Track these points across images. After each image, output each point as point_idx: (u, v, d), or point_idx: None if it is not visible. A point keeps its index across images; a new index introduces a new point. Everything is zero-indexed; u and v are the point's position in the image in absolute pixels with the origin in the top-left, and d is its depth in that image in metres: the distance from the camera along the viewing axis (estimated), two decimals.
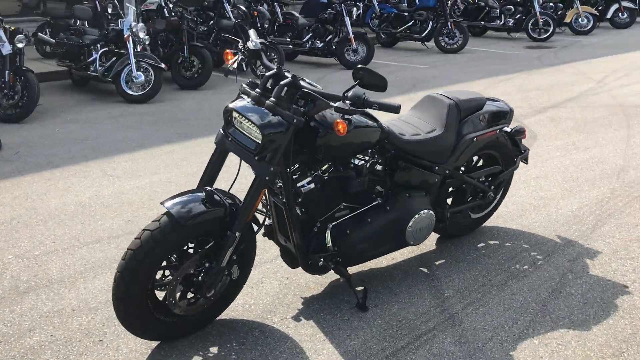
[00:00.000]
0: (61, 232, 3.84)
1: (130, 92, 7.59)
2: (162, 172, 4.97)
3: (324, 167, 2.80)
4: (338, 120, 2.40)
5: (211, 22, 9.48)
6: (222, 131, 2.68)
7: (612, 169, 4.73)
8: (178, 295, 2.58)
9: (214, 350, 2.63)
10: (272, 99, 2.48)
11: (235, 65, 2.80)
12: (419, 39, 12.15)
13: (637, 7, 15.27)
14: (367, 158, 2.92)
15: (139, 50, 7.57)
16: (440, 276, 3.20)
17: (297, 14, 10.97)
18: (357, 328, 2.77)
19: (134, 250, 2.41)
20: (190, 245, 2.61)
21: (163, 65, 7.59)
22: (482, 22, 13.99)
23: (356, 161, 2.89)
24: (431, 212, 3.05)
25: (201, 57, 8.35)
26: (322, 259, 2.80)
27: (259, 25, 9.39)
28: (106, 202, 4.33)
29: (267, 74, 2.60)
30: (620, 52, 11.02)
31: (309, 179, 2.77)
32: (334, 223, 2.84)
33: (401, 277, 3.20)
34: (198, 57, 8.37)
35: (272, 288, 3.12)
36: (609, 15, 14.88)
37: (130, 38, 7.53)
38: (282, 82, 2.51)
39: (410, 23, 12.26)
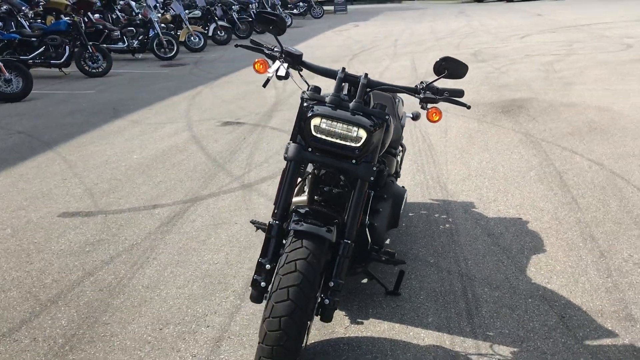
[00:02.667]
0: None
1: None
2: None
3: None
4: (431, 109, 2.52)
5: None
6: (295, 143, 2.46)
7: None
8: None
9: None
10: (357, 99, 2.44)
11: (281, 73, 2.57)
12: (57, 65, 11.27)
13: (232, 26, 17.28)
14: None
15: None
16: (405, 250, 3.54)
17: None
18: (417, 308, 2.93)
19: (299, 285, 2.09)
20: None
21: None
22: (105, 45, 13.69)
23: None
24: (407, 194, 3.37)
25: None
26: (380, 255, 2.84)
27: None
28: None
29: (339, 76, 2.51)
30: (239, 65, 12.44)
31: None
32: (368, 219, 2.90)
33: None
34: None
35: None
36: (210, 33, 16.42)
37: None
38: (362, 82, 2.49)
39: (42, 49, 11.22)
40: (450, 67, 2.49)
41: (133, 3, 17.53)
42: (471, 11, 24.96)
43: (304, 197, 2.76)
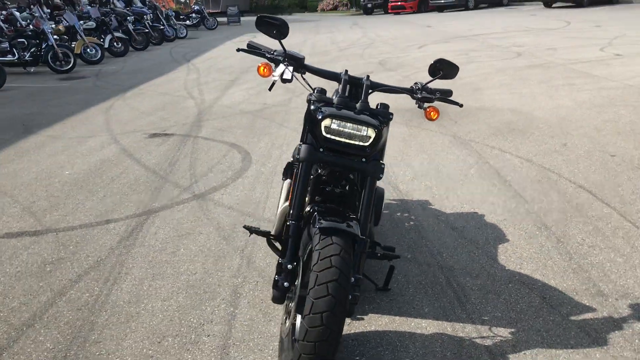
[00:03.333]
0: None
1: None
2: None
3: None
4: (429, 108, 2.65)
5: None
6: (306, 144, 2.50)
7: None
8: None
9: None
10: (363, 100, 2.53)
11: (287, 76, 2.59)
12: None
13: (128, 37, 16.75)
14: None
15: None
16: None
17: None
18: (411, 301, 3.06)
19: (337, 280, 2.14)
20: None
21: None
22: None
23: None
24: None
25: None
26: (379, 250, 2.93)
27: None
28: None
29: (344, 78, 2.58)
30: (145, 77, 12.15)
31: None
32: None
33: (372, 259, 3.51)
34: None
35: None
36: (106, 45, 15.82)
37: None
38: (366, 84, 2.57)
39: None
40: (444, 68, 2.64)
41: (17, 14, 16.49)
42: (363, 23, 25.81)
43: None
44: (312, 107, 2.51)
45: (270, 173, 5.16)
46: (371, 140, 2.45)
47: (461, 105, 2.79)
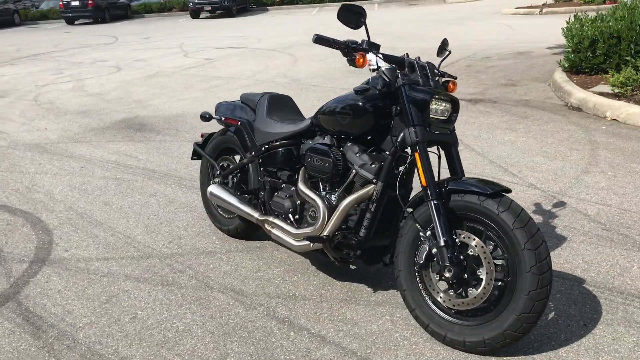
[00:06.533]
0: None
1: None
2: None
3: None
4: (449, 83, 2.91)
5: None
6: (419, 126, 2.64)
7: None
8: None
9: None
10: (432, 79, 2.78)
11: (383, 64, 2.69)
12: None
13: None
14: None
15: None
16: None
17: None
18: None
19: (539, 228, 2.46)
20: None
21: None
22: None
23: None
24: None
25: None
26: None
27: None
28: None
29: (415, 61, 2.78)
30: None
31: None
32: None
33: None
34: None
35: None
36: None
37: None
38: (429, 64, 2.83)
39: None
40: (447, 46, 3.02)
41: None
42: None
43: (368, 188, 2.82)
44: (408, 90, 2.67)
45: (102, 213, 4.45)
46: (450, 113, 2.74)
47: (455, 78, 3.03)
